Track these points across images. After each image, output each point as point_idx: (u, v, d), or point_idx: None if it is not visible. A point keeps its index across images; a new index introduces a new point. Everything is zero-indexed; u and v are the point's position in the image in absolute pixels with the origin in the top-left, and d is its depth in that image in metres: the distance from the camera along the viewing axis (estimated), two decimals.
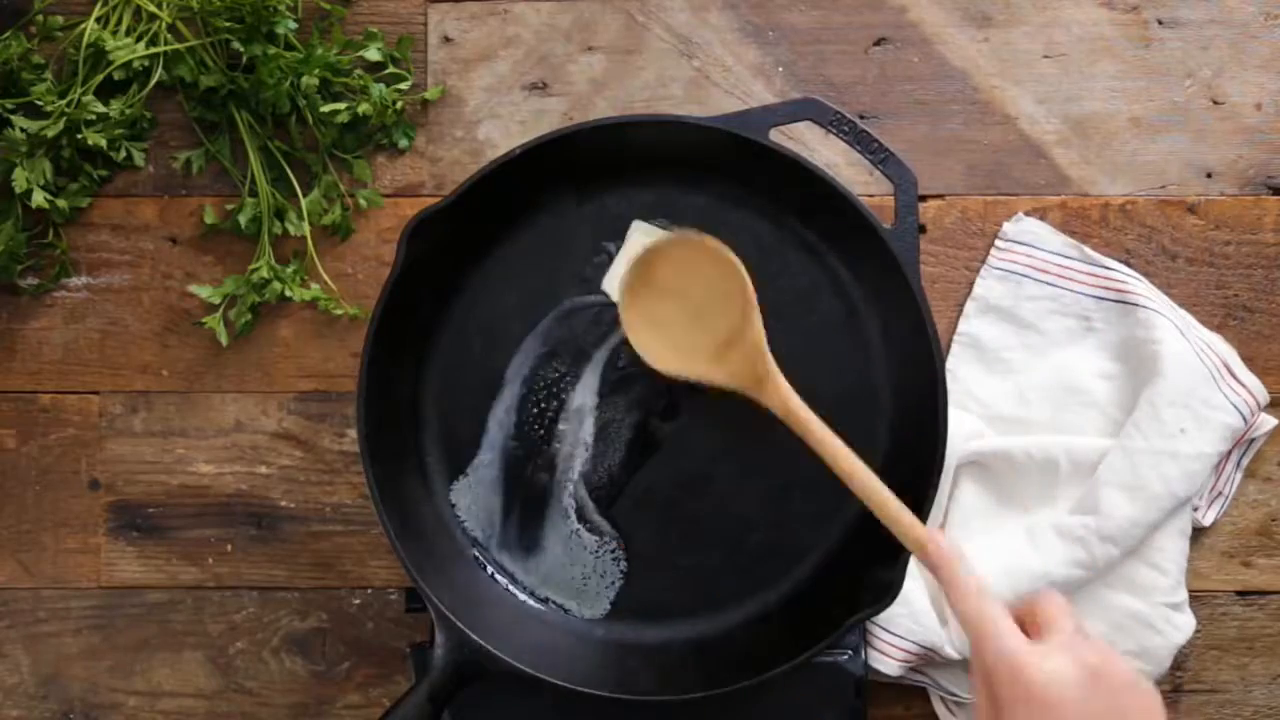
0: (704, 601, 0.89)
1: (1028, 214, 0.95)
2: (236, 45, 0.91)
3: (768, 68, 0.97)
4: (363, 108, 0.93)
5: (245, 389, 0.97)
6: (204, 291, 0.95)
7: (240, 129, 0.94)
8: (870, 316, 0.89)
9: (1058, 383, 0.94)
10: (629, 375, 0.90)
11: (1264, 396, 0.93)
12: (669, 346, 0.84)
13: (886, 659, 0.91)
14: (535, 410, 0.90)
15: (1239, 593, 0.96)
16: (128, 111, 0.93)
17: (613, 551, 0.89)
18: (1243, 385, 0.92)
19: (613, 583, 0.89)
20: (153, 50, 0.92)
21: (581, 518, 0.90)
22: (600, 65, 0.97)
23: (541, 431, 0.90)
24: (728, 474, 0.89)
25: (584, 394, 0.90)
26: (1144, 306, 0.92)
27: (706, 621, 0.89)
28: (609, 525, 0.89)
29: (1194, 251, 0.95)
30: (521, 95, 0.97)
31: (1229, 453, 0.93)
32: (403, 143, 0.96)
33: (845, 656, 0.89)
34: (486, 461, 0.90)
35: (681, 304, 0.83)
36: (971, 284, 0.96)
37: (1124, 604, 0.90)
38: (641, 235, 0.88)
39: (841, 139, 0.85)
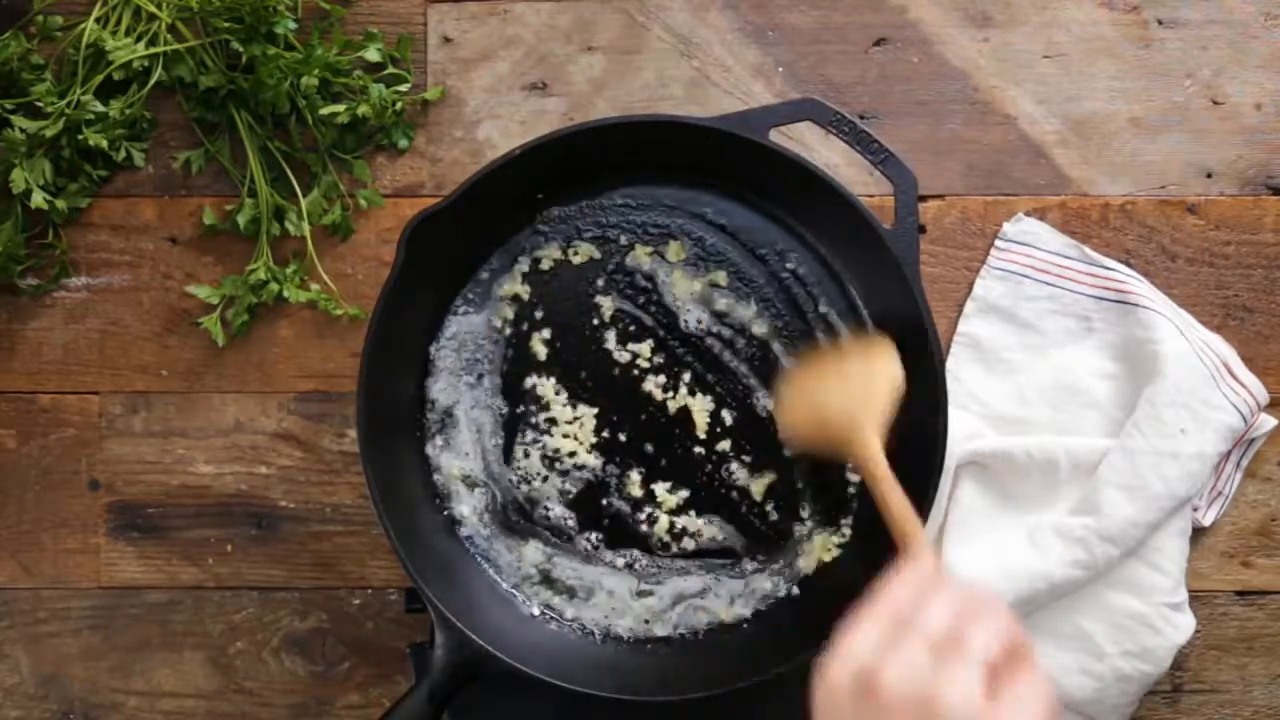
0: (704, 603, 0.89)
1: (1028, 214, 0.95)
2: (236, 45, 0.91)
3: (768, 68, 0.97)
4: (362, 108, 0.93)
5: (245, 389, 0.97)
6: (202, 292, 0.95)
7: (240, 129, 0.94)
8: (871, 317, 0.89)
9: (1058, 383, 0.94)
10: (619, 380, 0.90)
11: (1264, 396, 0.93)
12: (811, 422, 0.84)
13: None
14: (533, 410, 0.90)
15: (1239, 593, 0.96)
16: (128, 111, 0.93)
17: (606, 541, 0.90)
18: (1243, 385, 0.92)
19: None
20: (152, 50, 0.92)
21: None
22: (600, 65, 0.97)
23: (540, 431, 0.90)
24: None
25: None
26: (1144, 307, 0.92)
27: (706, 622, 0.89)
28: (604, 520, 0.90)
29: (1194, 251, 0.95)
30: (521, 95, 0.97)
31: (1229, 453, 0.93)
32: (402, 143, 0.96)
33: None
34: (486, 460, 0.90)
35: (829, 395, 0.84)
36: (971, 284, 0.96)
37: (1124, 604, 0.90)
38: None
39: (841, 139, 0.85)
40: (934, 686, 0.58)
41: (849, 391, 0.82)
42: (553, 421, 0.90)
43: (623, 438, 0.90)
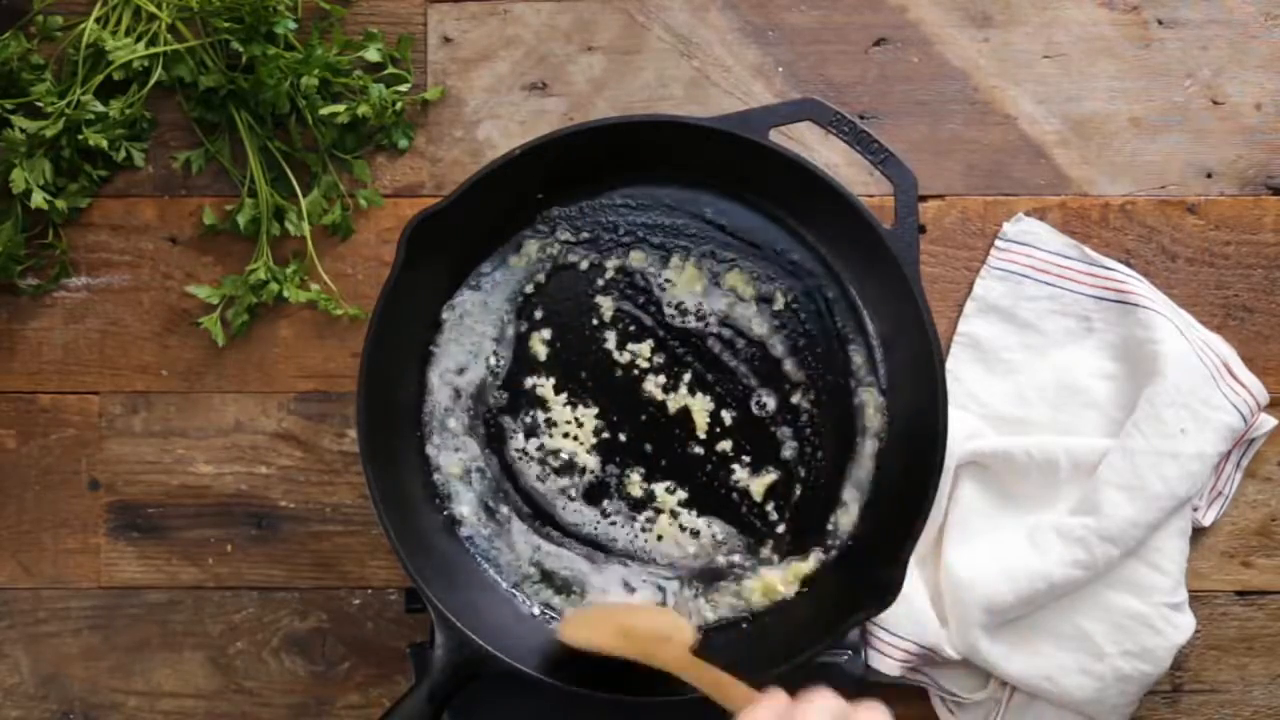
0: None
1: (1028, 214, 0.95)
2: (236, 45, 0.91)
3: (768, 68, 0.97)
4: (362, 109, 0.93)
5: (245, 389, 0.97)
6: (202, 292, 0.95)
7: (240, 129, 0.94)
8: (870, 316, 0.89)
9: (1058, 383, 0.94)
10: (622, 378, 0.90)
11: (1264, 396, 0.93)
12: (612, 630, 0.83)
13: (886, 659, 0.91)
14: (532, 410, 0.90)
15: (1239, 593, 0.96)
16: (128, 111, 0.93)
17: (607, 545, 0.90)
18: (1243, 385, 0.92)
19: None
20: (152, 50, 0.92)
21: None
22: (600, 65, 0.97)
23: (537, 431, 0.90)
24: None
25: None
26: (1144, 306, 0.92)
27: (706, 622, 0.89)
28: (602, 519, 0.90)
29: (1194, 251, 0.95)
30: (521, 95, 0.97)
31: (1229, 453, 0.93)
32: (402, 143, 0.96)
33: (845, 657, 0.88)
34: (486, 461, 0.90)
35: (634, 615, 0.86)
36: (971, 284, 0.96)
37: (1124, 604, 0.90)
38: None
39: (841, 139, 0.85)
40: None
41: (655, 622, 0.83)
42: (552, 422, 0.90)
43: (623, 438, 0.90)
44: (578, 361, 0.90)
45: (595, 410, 0.90)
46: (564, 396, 0.90)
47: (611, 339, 0.90)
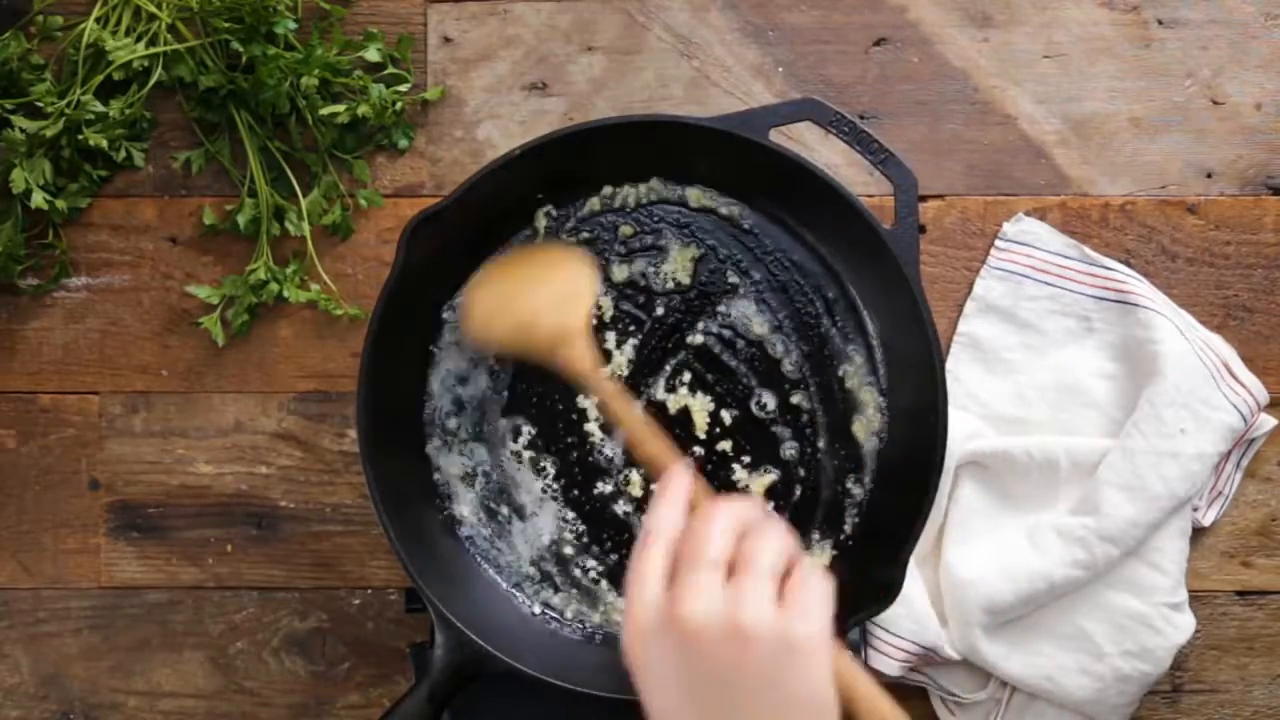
0: None
1: (1028, 214, 0.95)
2: (236, 45, 0.91)
3: (768, 68, 0.97)
4: (362, 109, 0.93)
5: (245, 389, 0.97)
6: (202, 292, 0.95)
7: (240, 129, 0.94)
8: (870, 316, 0.89)
9: (1058, 383, 0.94)
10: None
11: (1264, 396, 0.93)
12: (512, 325, 0.82)
13: (886, 659, 0.91)
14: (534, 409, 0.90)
15: (1239, 593, 0.96)
16: (127, 111, 0.93)
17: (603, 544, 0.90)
18: (1243, 385, 0.92)
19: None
20: (152, 50, 0.92)
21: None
22: (600, 65, 0.97)
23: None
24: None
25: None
26: (1144, 306, 0.92)
27: None
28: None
29: (1194, 251, 0.95)
30: (521, 95, 0.97)
31: (1229, 453, 0.93)
32: (402, 143, 0.96)
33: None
34: (492, 464, 0.90)
35: (530, 294, 0.83)
36: (971, 284, 0.96)
37: (1124, 604, 0.90)
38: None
39: (841, 139, 0.85)
40: (733, 609, 0.61)
41: (553, 296, 0.81)
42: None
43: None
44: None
45: (595, 411, 0.90)
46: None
47: (611, 339, 0.90)
